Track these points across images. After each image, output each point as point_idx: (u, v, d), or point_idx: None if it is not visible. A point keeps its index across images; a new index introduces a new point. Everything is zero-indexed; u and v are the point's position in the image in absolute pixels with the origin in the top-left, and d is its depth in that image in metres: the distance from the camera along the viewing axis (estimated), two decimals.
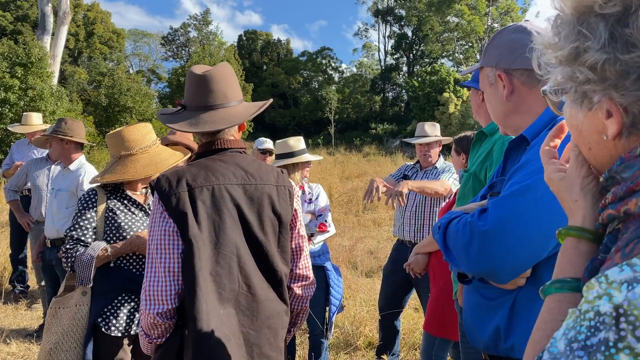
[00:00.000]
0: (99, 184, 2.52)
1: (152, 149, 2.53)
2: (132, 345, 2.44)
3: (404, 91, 47.31)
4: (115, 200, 2.49)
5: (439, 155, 4.09)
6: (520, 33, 1.41)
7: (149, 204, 2.57)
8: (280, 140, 3.62)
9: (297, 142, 3.53)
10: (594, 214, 0.82)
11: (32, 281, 5.81)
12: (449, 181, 3.82)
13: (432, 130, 4.06)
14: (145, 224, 2.51)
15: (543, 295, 0.84)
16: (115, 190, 2.52)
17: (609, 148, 0.79)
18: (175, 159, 2.56)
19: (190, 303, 1.60)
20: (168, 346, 1.71)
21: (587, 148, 0.83)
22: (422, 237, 3.82)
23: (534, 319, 1.23)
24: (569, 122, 0.86)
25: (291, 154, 3.48)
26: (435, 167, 4.02)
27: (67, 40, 29.40)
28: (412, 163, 4.27)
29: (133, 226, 2.47)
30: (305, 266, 1.93)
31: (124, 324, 2.36)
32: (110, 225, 2.43)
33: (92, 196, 2.46)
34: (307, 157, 3.52)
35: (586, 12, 0.75)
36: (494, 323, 1.30)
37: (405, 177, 4.11)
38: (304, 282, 1.93)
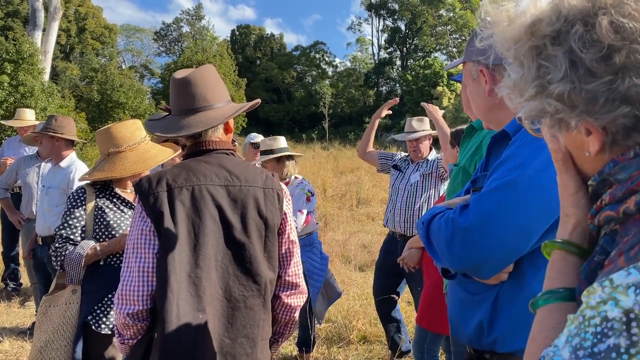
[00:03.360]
0: (88, 182, 2.51)
1: (141, 146, 2.51)
2: None
3: (397, 85, 47.27)
4: (104, 199, 2.48)
5: (431, 148, 4.14)
6: None
7: None
8: (261, 140, 4.02)
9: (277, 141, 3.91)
10: (585, 227, 0.82)
11: (25, 279, 5.79)
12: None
13: (419, 125, 4.11)
14: None
15: (533, 309, 0.83)
16: (105, 188, 2.51)
17: (592, 162, 0.79)
18: (164, 155, 2.55)
19: (161, 305, 1.55)
20: (135, 348, 1.67)
21: (579, 164, 0.83)
22: (412, 229, 3.90)
23: (516, 313, 1.25)
24: (550, 145, 0.86)
25: (270, 152, 3.84)
26: (427, 160, 4.08)
27: (59, 36, 29.19)
28: (405, 154, 4.33)
29: (122, 224, 2.46)
30: (295, 273, 1.84)
31: (114, 322, 2.35)
32: (100, 223, 2.43)
33: (81, 194, 2.45)
34: (287, 152, 3.88)
35: (540, 47, 0.75)
36: (478, 317, 1.31)
37: (395, 167, 4.20)
38: (292, 291, 1.84)
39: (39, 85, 14.92)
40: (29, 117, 5.74)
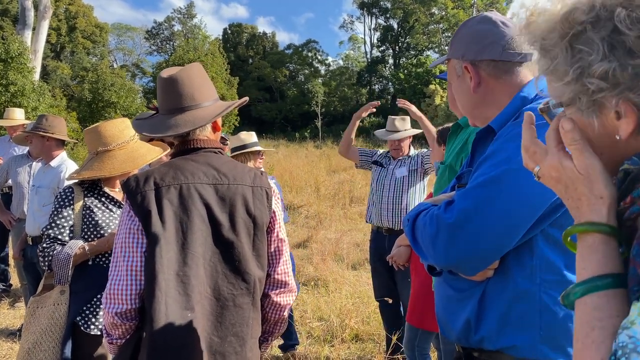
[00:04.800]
0: (76, 181, 2.50)
1: (130, 145, 2.50)
2: None
3: (390, 84, 47.39)
4: (92, 198, 2.46)
5: (410, 147, 4.25)
6: (485, 24, 1.40)
7: None
8: (233, 136, 4.02)
9: (249, 136, 3.94)
10: (615, 208, 0.80)
11: (15, 280, 5.75)
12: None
13: (402, 125, 4.18)
14: None
15: (570, 299, 0.78)
16: (93, 187, 2.50)
17: (620, 149, 0.79)
18: (154, 154, 2.53)
19: (149, 304, 1.55)
20: (123, 348, 1.66)
21: (599, 153, 0.82)
22: (400, 223, 3.95)
23: (503, 309, 1.25)
24: (565, 126, 0.84)
25: (243, 147, 3.84)
26: (409, 156, 4.18)
27: (49, 35, 28.93)
28: (384, 151, 4.40)
29: (111, 224, 2.45)
30: (284, 272, 1.83)
31: (103, 322, 2.33)
32: (88, 223, 2.41)
33: (68, 194, 2.43)
34: (257, 147, 3.91)
35: (577, 34, 0.77)
36: (465, 315, 1.30)
37: (376, 163, 4.29)
38: (282, 289, 1.84)
39: (30, 85, 14.79)
40: (18, 116, 5.70)
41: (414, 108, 3.84)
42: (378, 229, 4.13)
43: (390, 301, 3.96)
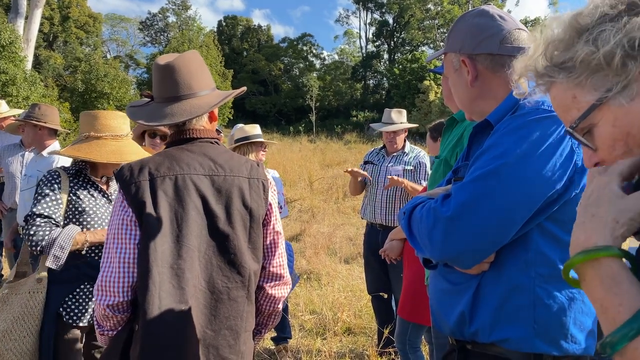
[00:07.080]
0: (62, 165, 2.50)
1: (123, 140, 2.49)
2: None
3: (384, 79, 47.39)
4: (77, 185, 2.43)
5: (405, 141, 4.25)
6: (482, 17, 1.40)
7: (110, 192, 2.53)
8: (238, 128, 4.05)
9: (252, 128, 3.97)
10: None
11: (6, 269, 5.71)
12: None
13: (398, 117, 4.20)
14: (108, 210, 2.45)
15: (617, 347, 0.65)
16: (78, 174, 2.47)
17: None
18: (140, 156, 2.51)
19: (142, 297, 1.52)
20: (115, 340, 1.64)
21: (638, 145, 0.77)
22: (393, 220, 3.96)
23: (497, 303, 1.26)
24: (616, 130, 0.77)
25: (246, 138, 3.86)
26: (404, 152, 4.18)
27: (42, 24, 28.64)
28: (377, 148, 4.41)
29: (97, 212, 2.42)
30: (280, 264, 1.82)
31: (89, 314, 2.32)
32: (74, 209, 2.36)
33: (55, 177, 2.38)
34: (260, 139, 3.93)
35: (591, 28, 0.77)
36: (459, 308, 1.30)
37: (367, 162, 4.30)
38: (277, 282, 1.82)
39: (21, 74, 14.66)
40: (3, 108, 5.62)
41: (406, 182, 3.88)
42: (372, 225, 4.14)
43: (386, 296, 3.99)
